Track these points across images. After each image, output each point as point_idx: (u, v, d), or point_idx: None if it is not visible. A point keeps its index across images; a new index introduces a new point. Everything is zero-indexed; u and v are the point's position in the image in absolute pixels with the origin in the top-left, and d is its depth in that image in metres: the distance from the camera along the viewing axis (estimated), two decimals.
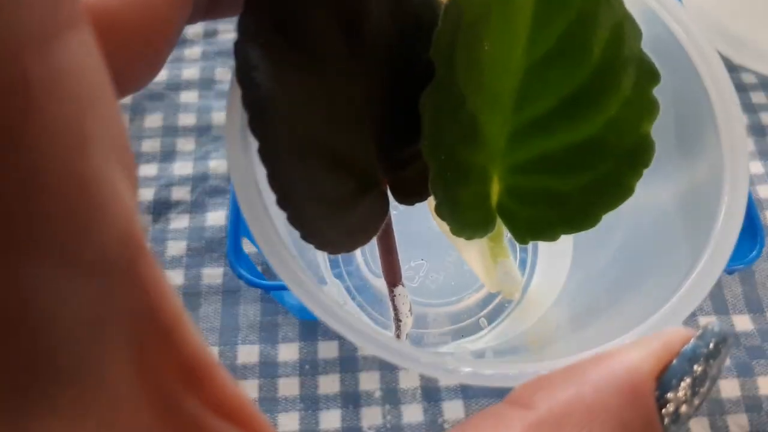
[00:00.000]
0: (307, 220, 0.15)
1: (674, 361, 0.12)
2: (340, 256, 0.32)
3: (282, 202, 0.15)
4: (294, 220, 0.15)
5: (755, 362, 0.31)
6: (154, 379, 0.09)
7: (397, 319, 0.20)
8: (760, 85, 0.40)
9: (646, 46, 0.17)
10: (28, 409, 0.08)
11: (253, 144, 0.15)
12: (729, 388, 0.31)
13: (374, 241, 0.19)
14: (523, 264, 0.31)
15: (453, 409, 0.30)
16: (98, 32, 0.10)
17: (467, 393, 0.30)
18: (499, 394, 0.30)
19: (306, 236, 0.15)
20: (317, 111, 0.16)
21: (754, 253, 0.27)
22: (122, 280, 0.09)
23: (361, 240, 0.18)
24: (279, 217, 0.15)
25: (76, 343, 0.08)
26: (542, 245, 0.31)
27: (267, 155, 0.15)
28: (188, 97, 0.39)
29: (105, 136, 0.09)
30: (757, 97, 0.40)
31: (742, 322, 0.33)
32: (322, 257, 0.31)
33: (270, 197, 0.15)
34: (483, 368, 0.14)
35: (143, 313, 0.09)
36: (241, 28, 0.15)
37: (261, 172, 0.15)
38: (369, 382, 0.30)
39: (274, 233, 0.15)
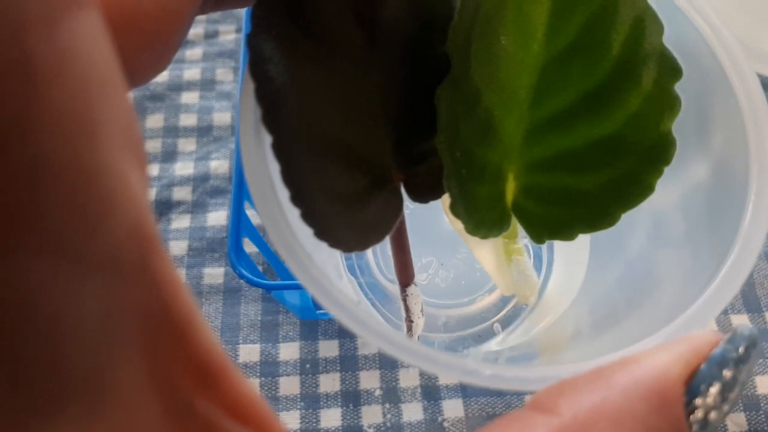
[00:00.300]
0: (319, 217, 0.15)
1: (703, 366, 0.12)
2: (353, 255, 0.31)
3: (295, 199, 0.15)
4: (307, 217, 0.15)
5: None
6: (166, 381, 0.09)
7: (409, 320, 0.19)
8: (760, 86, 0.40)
9: (668, 42, 0.17)
10: (37, 413, 0.08)
11: (267, 139, 0.15)
12: None
13: (386, 240, 0.19)
14: (538, 268, 0.30)
15: (452, 408, 0.30)
16: (107, 19, 0.09)
17: (466, 392, 0.30)
18: (499, 393, 0.29)
19: (319, 234, 0.15)
20: (331, 105, 0.16)
21: None
22: (133, 277, 0.09)
23: (374, 238, 0.18)
24: (292, 214, 0.15)
25: (85, 343, 0.08)
26: (558, 246, 0.31)
27: (281, 150, 0.15)
28: (189, 97, 0.39)
29: (114, 125, 0.09)
30: None
31: (741, 322, 0.33)
32: (335, 255, 0.30)
33: (283, 194, 0.15)
34: (504, 371, 0.14)
35: (155, 310, 0.09)
36: (255, 20, 0.15)
37: (274, 169, 0.15)
38: (369, 380, 0.31)
39: (288, 230, 0.15)
